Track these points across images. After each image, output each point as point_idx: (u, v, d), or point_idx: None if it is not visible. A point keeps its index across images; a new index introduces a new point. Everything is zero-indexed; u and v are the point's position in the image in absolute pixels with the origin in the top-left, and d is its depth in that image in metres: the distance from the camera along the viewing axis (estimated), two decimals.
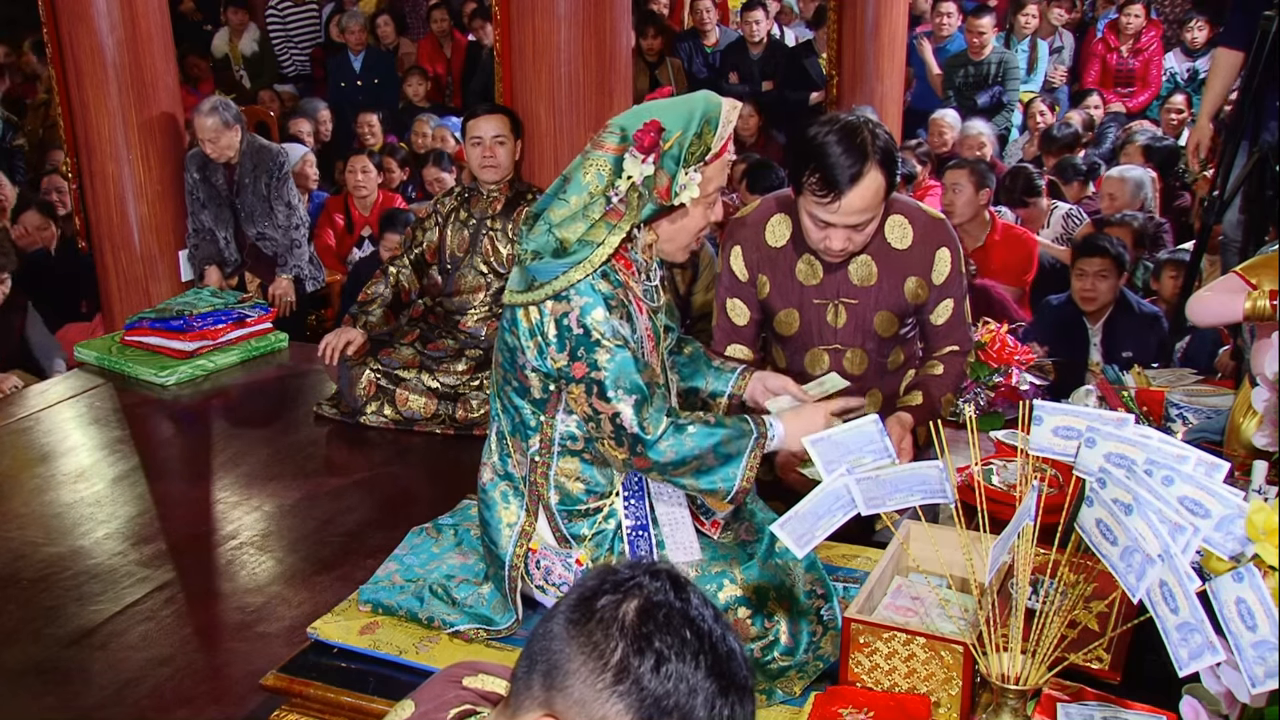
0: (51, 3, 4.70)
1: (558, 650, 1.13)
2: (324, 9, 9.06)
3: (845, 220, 2.42)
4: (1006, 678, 1.79)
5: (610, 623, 1.12)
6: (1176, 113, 6.90)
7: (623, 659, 1.10)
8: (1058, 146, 6.47)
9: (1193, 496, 1.50)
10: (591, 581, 1.16)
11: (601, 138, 2.11)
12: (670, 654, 1.10)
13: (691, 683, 1.10)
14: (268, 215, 4.88)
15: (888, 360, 2.71)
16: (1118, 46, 7.74)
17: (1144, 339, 4.27)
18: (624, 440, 2.05)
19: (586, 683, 1.11)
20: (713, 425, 2.09)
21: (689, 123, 2.06)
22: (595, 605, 1.13)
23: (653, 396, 2.06)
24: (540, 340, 2.05)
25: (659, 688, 1.09)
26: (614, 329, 2.03)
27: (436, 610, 2.25)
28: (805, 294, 2.63)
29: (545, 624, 1.17)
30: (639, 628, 1.11)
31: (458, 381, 3.66)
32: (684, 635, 1.11)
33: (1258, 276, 2.63)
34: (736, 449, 2.09)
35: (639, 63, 7.37)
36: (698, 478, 2.09)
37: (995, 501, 2.39)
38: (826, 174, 2.36)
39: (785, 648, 2.10)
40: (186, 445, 3.81)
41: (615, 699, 1.10)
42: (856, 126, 2.39)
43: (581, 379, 2.03)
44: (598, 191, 2.06)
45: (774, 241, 2.64)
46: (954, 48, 7.67)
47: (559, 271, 2.03)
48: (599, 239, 2.05)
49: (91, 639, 2.57)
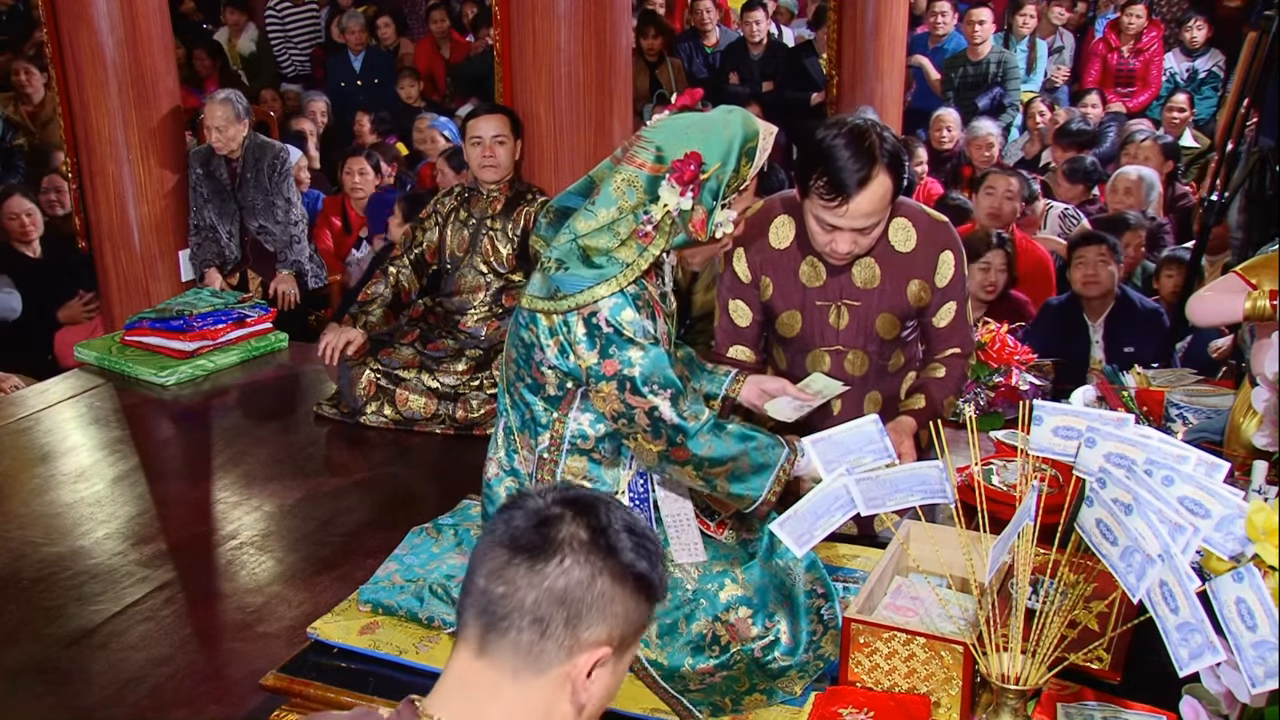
0: (51, 3, 4.70)
1: (552, 591, 1.24)
2: (323, 10, 9.06)
3: (853, 224, 2.41)
4: (1006, 678, 1.80)
5: (574, 542, 1.26)
6: (1179, 112, 6.90)
7: (608, 557, 1.26)
8: (1071, 142, 6.43)
9: (1193, 496, 1.51)
10: (517, 527, 1.28)
11: (634, 151, 2.09)
12: (624, 534, 1.28)
13: (647, 553, 1.30)
14: (269, 210, 4.92)
15: (888, 362, 2.71)
16: (1119, 46, 7.74)
17: (1145, 334, 4.27)
18: (662, 432, 2.03)
19: (598, 595, 1.25)
20: (750, 429, 2.10)
21: (728, 155, 2.05)
22: (551, 537, 1.26)
23: (686, 390, 2.06)
24: (563, 339, 2.04)
25: (638, 563, 1.28)
26: (644, 328, 2.02)
27: (436, 610, 2.25)
28: (808, 295, 2.63)
29: (499, 588, 1.25)
30: (596, 533, 1.27)
31: (458, 381, 3.66)
32: (620, 518, 1.30)
33: (1258, 276, 2.63)
34: (770, 459, 2.09)
35: (639, 63, 7.36)
36: (730, 481, 2.08)
37: (995, 501, 2.40)
38: (834, 178, 2.35)
39: (786, 647, 2.10)
40: (186, 445, 3.81)
41: (623, 591, 1.26)
42: (864, 130, 2.38)
43: (613, 376, 2.02)
44: (628, 208, 2.05)
45: (777, 243, 2.64)
46: (952, 48, 7.67)
47: (584, 286, 2.01)
48: (627, 259, 2.03)
49: (91, 639, 2.57)
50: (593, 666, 1.26)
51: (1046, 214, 5.63)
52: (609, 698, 1.31)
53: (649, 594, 1.30)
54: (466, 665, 1.27)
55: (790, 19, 9.00)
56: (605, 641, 1.26)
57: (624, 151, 2.11)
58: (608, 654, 1.26)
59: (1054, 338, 4.20)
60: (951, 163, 6.63)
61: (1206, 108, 7.51)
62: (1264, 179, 4.25)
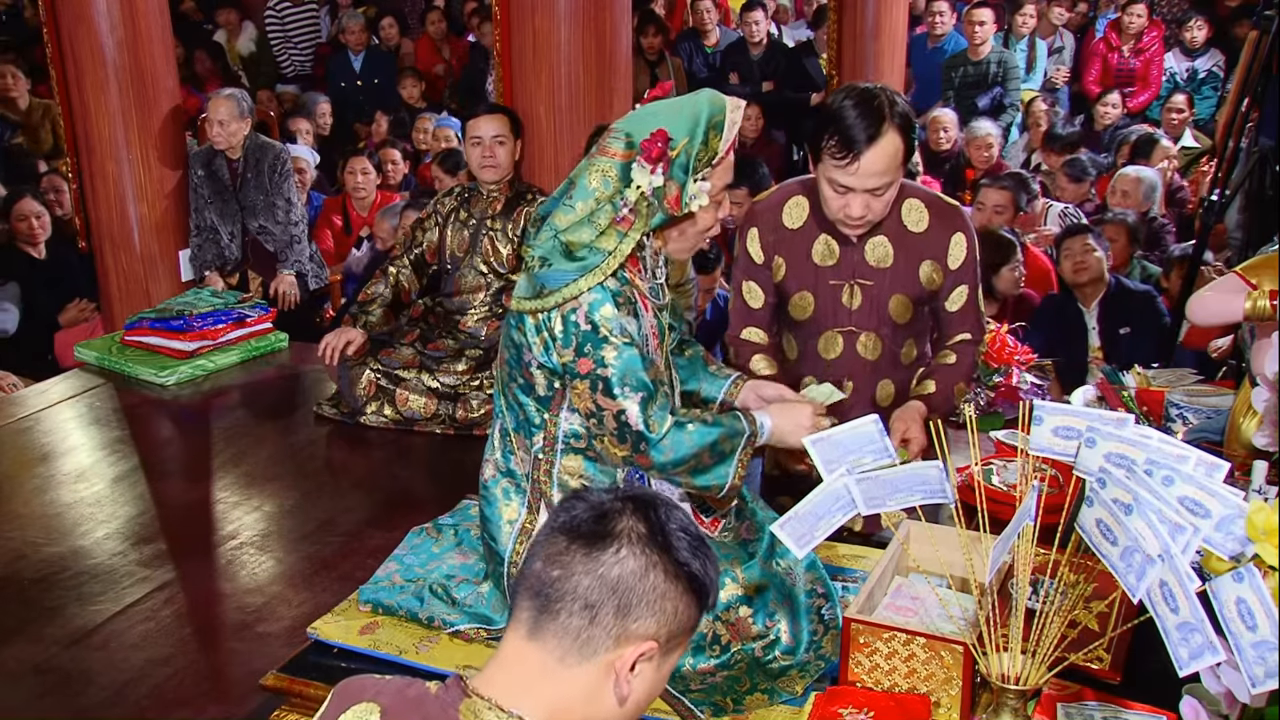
0: (52, 3, 4.70)
1: (605, 579, 1.27)
2: (323, 10, 9.06)
3: (864, 183, 2.44)
4: (1006, 678, 1.80)
5: (631, 534, 1.29)
6: (1177, 112, 6.90)
7: (664, 553, 1.29)
8: (1062, 145, 6.46)
9: (1193, 496, 1.51)
10: (577, 516, 1.31)
11: (606, 142, 2.11)
12: (680, 533, 1.31)
13: (701, 555, 1.32)
14: (269, 210, 4.93)
15: (901, 350, 2.71)
16: (1119, 46, 7.74)
17: (1140, 316, 4.36)
18: (627, 437, 2.05)
19: (650, 588, 1.27)
20: (709, 424, 2.11)
21: (695, 129, 2.06)
22: (610, 528, 1.29)
23: (657, 394, 2.07)
24: (547, 336, 2.06)
25: (692, 564, 1.30)
26: (621, 326, 2.04)
27: (436, 610, 2.25)
28: (821, 275, 2.65)
29: (555, 571, 1.28)
30: (655, 529, 1.30)
31: (458, 381, 3.66)
32: (678, 519, 1.33)
33: (1258, 276, 2.63)
34: (730, 447, 2.12)
35: (639, 62, 7.36)
36: (694, 476, 2.11)
37: (995, 501, 2.39)
38: (844, 135, 2.40)
39: (786, 647, 2.10)
40: (186, 445, 3.81)
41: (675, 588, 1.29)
42: (874, 93, 2.43)
43: (587, 375, 2.04)
44: (604, 198, 2.07)
45: (791, 223, 2.66)
46: (951, 48, 7.67)
47: (568, 279, 2.03)
48: (609, 247, 2.05)
49: (91, 639, 2.57)
50: (637, 659, 1.28)
51: (1046, 213, 5.63)
52: (651, 696, 1.34)
53: (700, 595, 1.32)
54: (517, 646, 1.30)
55: (790, 19, 9.00)
56: (652, 636, 1.28)
57: (597, 147, 2.13)
58: (654, 648, 1.29)
59: (1053, 330, 4.29)
60: (950, 163, 6.63)
61: (1206, 108, 7.51)
62: (1264, 179, 4.25)
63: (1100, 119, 7.21)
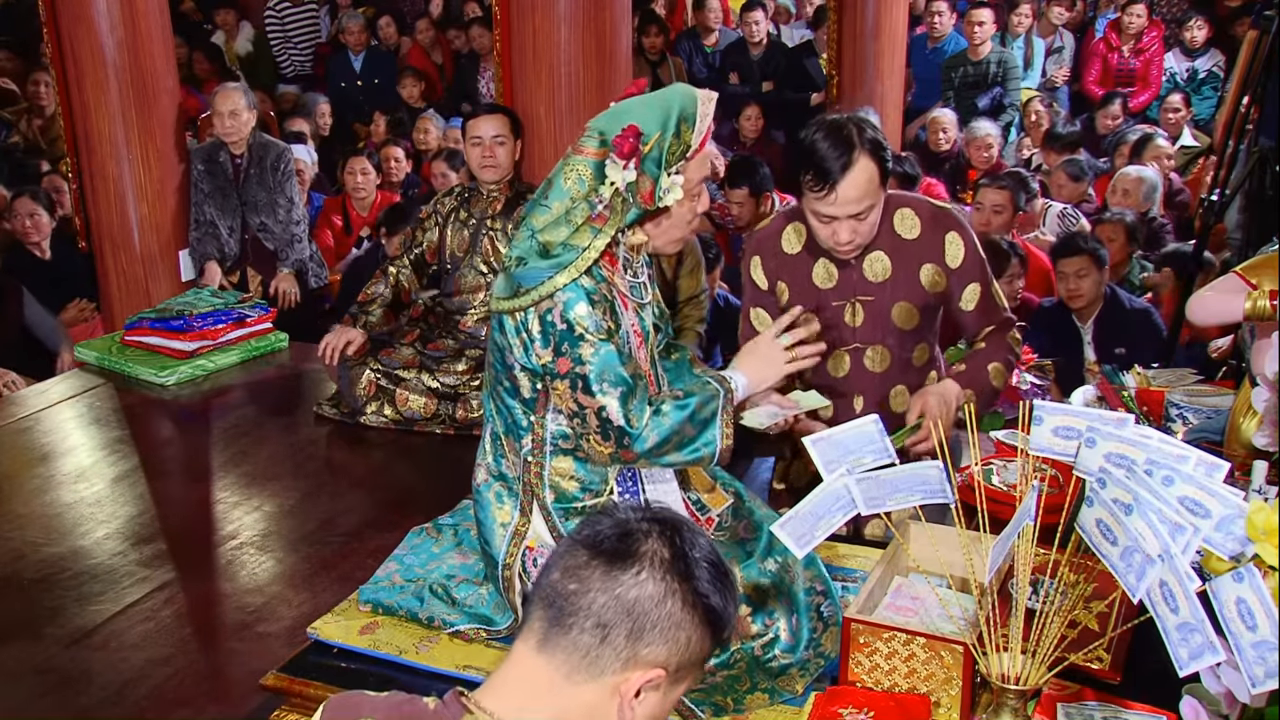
0: (52, 3, 4.70)
1: (621, 599, 1.25)
2: (322, 10, 9.05)
3: (845, 210, 2.47)
4: (1006, 678, 1.80)
5: (654, 558, 1.26)
6: (1174, 111, 6.90)
7: (684, 581, 1.26)
8: (1062, 145, 6.46)
9: (1193, 496, 1.51)
10: (601, 532, 1.29)
11: (581, 142, 2.11)
12: (704, 564, 1.28)
13: (721, 588, 1.30)
14: (270, 208, 4.94)
15: (912, 355, 2.72)
16: (1119, 46, 7.74)
17: (1137, 335, 4.30)
18: (610, 434, 2.06)
19: (665, 615, 1.25)
20: (682, 398, 2.11)
21: (666, 123, 2.07)
22: (633, 548, 1.26)
23: (637, 388, 2.07)
24: (525, 337, 2.06)
25: (712, 596, 1.28)
26: (597, 323, 2.04)
27: (436, 610, 2.25)
28: (823, 297, 2.67)
29: (572, 584, 1.26)
30: (678, 556, 1.27)
31: (458, 381, 3.66)
32: (703, 547, 1.30)
33: (1258, 276, 2.63)
34: (709, 411, 2.12)
35: (639, 62, 7.36)
36: (681, 450, 2.11)
37: (995, 501, 2.40)
38: (818, 168, 2.43)
39: (786, 645, 2.10)
40: (186, 445, 3.81)
41: (691, 618, 1.27)
42: (841, 123, 2.47)
43: (566, 374, 2.05)
44: (579, 196, 2.07)
45: (790, 249, 2.70)
46: (951, 48, 7.67)
47: (544, 277, 2.04)
48: (583, 244, 2.05)
49: (91, 639, 2.57)
50: (643, 686, 1.26)
51: (1045, 213, 5.63)
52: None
53: (715, 628, 1.29)
54: (525, 658, 1.29)
55: (789, 19, 9.00)
56: (661, 664, 1.26)
57: (572, 148, 2.13)
58: (661, 677, 1.26)
59: (1046, 342, 4.23)
60: (950, 163, 6.63)
61: (1206, 108, 7.51)
62: (1264, 179, 4.25)
63: (1103, 126, 7.19)
